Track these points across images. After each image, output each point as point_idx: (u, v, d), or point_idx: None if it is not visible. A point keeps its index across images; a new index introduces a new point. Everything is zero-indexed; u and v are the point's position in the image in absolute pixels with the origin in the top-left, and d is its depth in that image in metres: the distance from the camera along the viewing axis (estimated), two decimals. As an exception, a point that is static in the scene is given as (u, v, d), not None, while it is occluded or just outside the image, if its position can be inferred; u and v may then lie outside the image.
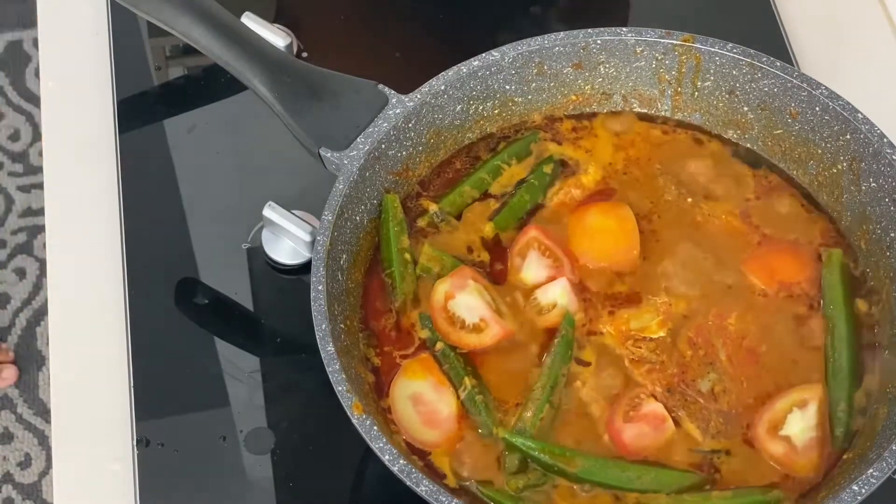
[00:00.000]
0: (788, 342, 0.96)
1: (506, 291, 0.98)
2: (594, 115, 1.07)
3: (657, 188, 1.03)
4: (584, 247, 1.00)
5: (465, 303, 0.95)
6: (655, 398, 0.93)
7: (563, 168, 1.04)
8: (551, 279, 0.98)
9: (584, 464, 0.90)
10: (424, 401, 0.93)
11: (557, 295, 0.97)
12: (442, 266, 0.99)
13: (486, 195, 1.03)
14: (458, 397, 0.93)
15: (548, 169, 1.04)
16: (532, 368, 0.95)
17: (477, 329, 0.95)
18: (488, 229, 1.01)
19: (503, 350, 0.95)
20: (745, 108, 1.04)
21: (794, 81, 1.00)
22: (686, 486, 0.90)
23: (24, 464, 1.90)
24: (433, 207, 1.02)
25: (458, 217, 1.02)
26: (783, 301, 0.98)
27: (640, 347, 0.95)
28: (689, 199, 1.02)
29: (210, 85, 1.18)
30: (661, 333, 0.96)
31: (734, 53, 1.02)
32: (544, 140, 1.05)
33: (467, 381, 0.93)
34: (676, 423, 0.92)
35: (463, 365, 0.94)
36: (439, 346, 0.95)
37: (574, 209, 1.02)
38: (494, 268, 0.99)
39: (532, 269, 0.98)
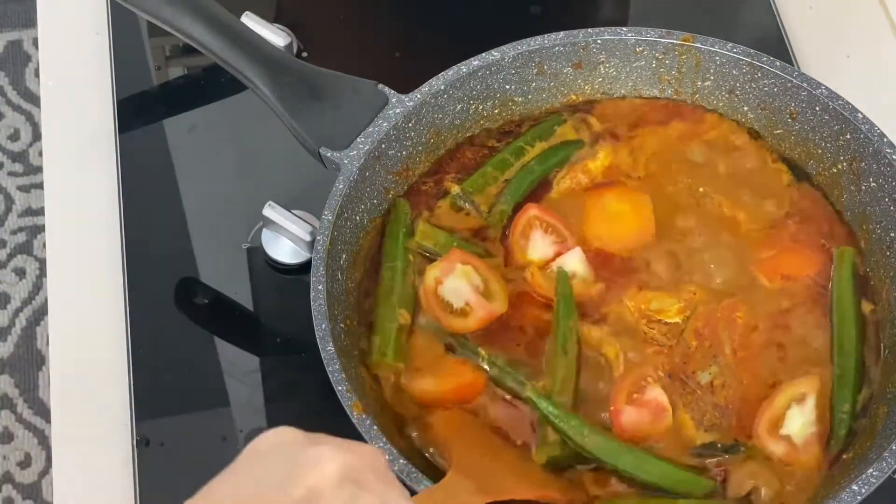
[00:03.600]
0: (791, 339, 0.96)
1: (511, 271, 0.99)
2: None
3: (671, 176, 1.03)
4: (599, 229, 1.00)
5: (453, 287, 0.96)
6: (659, 383, 0.93)
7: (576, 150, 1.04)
8: (559, 254, 0.98)
9: (597, 442, 0.90)
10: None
11: (575, 265, 0.97)
12: (436, 242, 0.99)
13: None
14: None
15: (565, 148, 1.04)
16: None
17: (463, 313, 0.95)
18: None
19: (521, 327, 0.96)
20: (745, 108, 1.04)
21: (794, 81, 1.00)
22: (688, 490, 0.90)
23: (24, 463, 1.90)
24: (455, 189, 1.02)
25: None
26: (787, 297, 0.97)
27: (654, 329, 0.95)
28: (701, 189, 1.02)
29: (210, 85, 1.18)
30: (677, 319, 0.96)
31: (734, 53, 1.02)
32: (573, 121, 1.05)
33: (482, 352, 0.94)
34: (673, 410, 0.92)
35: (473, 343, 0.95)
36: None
37: (591, 191, 1.02)
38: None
39: (538, 247, 0.99)
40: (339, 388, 0.87)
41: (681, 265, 0.99)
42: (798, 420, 0.91)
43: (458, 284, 0.96)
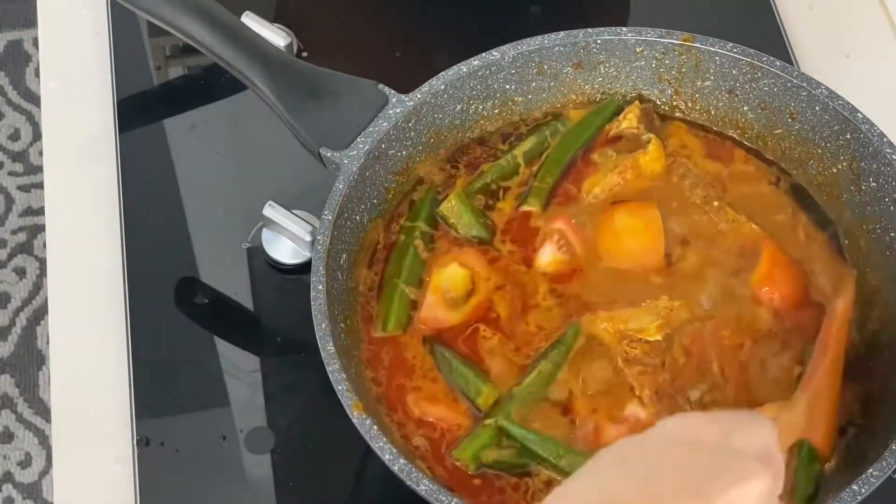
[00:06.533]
0: (776, 362, 0.95)
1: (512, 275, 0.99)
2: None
3: (683, 189, 1.02)
4: (609, 246, 1.00)
5: (445, 278, 0.98)
6: (643, 401, 0.92)
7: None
8: (563, 271, 0.98)
9: (574, 460, 0.89)
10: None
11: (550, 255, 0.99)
12: (458, 221, 1.00)
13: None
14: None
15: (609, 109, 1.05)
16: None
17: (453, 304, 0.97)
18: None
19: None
20: (745, 108, 1.04)
21: (794, 81, 1.00)
22: None
23: (25, 463, 1.90)
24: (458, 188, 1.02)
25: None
26: (779, 324, 0.96)
27: (635, 348, 0.95)
28: (716, 203, 1.01)
29: (210, 85, 1.18)
30: (658, 337, 0.95)
31: (734, 53, 1.02)
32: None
33: (448, 354, 0.95)
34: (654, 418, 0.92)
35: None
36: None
37: (605, 208, 1.02)
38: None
39: (544, 258, 0.99)
40: (339, 387, 0.87)
41: (675, 281, 0.98)
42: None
43: (447, 281, 0.97)
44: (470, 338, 0.96)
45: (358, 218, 0.98)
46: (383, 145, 0.99)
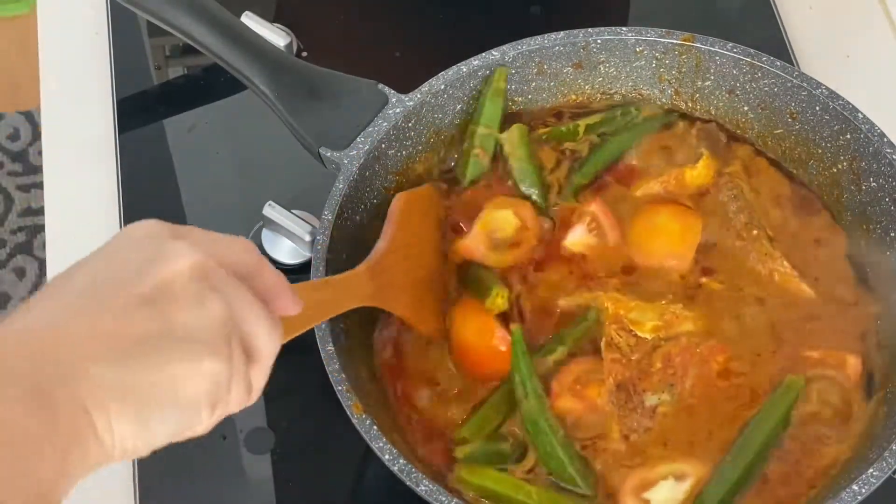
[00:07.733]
0: (738, 416, 0.92)
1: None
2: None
3: (728, 209, 1.01)
4: (641, 241, 1.00)
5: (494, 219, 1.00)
6: (603, 386, 0.92)
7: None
8: (585, 252, 0.99)
9: (531, 408, 0.90)
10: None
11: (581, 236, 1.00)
12: (516, 156, 1.01)
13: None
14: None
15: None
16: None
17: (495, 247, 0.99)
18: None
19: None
20: (745, 108, 1.04)
21: (794, 81, 1.00)
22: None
23: (24, 464, 1.90)
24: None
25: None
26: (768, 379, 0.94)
27: (621, 337, 0.95)
28: (755, 232, 0.99)
29: (210, 85, 1.18)
30: (647, 336, 0.95)
31: (734, 53, 1.02)
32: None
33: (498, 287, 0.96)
34: (605, 414, 0.92)
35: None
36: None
37: (649, 202, 1.02)
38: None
39: (574, 238, 1.00)
40: (339, 387, 0.87)
41: (692, 295, 0.97)
42: (666, 493, 0.88)
43: (496, 221, 0.99)
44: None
45: (358, 218, 0.98)
46: (383, 145, 0.99)
